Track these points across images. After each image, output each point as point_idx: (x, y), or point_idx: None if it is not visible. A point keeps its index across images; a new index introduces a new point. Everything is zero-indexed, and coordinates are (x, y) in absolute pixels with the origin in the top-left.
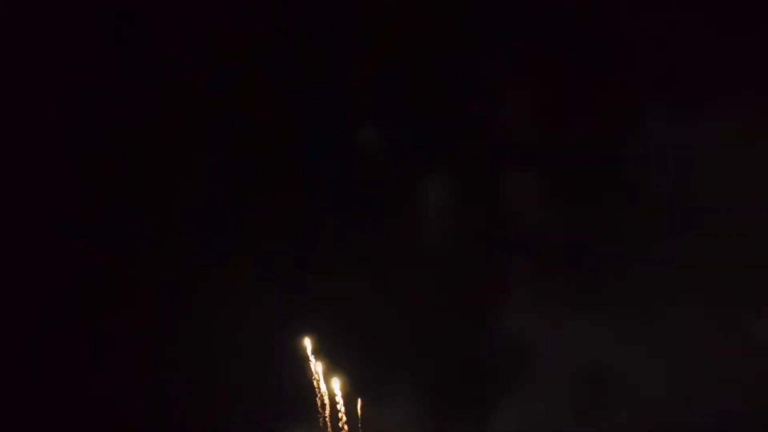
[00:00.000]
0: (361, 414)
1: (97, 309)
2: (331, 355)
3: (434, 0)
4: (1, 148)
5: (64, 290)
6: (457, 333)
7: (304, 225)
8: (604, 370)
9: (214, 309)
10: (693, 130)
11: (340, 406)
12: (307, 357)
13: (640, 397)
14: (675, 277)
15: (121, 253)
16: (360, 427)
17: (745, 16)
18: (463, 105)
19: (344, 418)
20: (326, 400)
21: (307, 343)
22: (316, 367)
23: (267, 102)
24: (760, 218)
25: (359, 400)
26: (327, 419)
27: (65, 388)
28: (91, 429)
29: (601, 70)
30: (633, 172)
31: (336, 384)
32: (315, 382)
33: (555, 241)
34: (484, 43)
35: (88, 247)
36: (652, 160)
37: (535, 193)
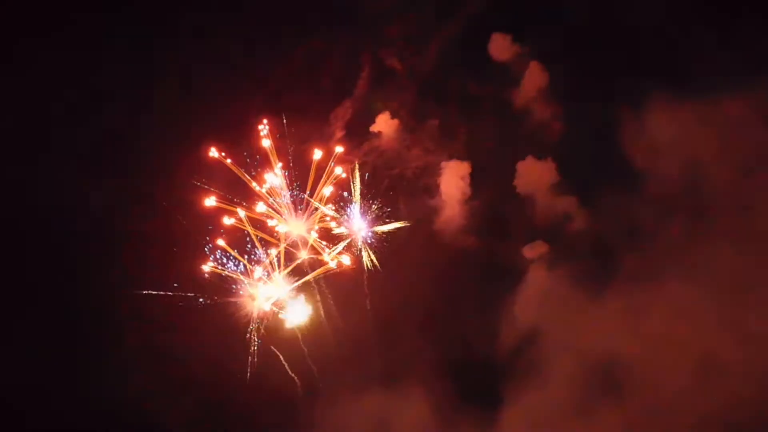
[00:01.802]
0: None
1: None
2: None
3: None
4: (1, 148)
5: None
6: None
7: None
8: (616, 360)
9: None
10: (698, 120)
11: None
12: None
13: (653, 387)
14: (684, 265)
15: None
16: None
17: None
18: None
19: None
20: None
21: None
22: None
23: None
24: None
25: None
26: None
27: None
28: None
29: (608, 59)
30: (641, 161)
31: None
32: None
33: (567, 230)
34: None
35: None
36: (660, 149)
37: (546, 183)
